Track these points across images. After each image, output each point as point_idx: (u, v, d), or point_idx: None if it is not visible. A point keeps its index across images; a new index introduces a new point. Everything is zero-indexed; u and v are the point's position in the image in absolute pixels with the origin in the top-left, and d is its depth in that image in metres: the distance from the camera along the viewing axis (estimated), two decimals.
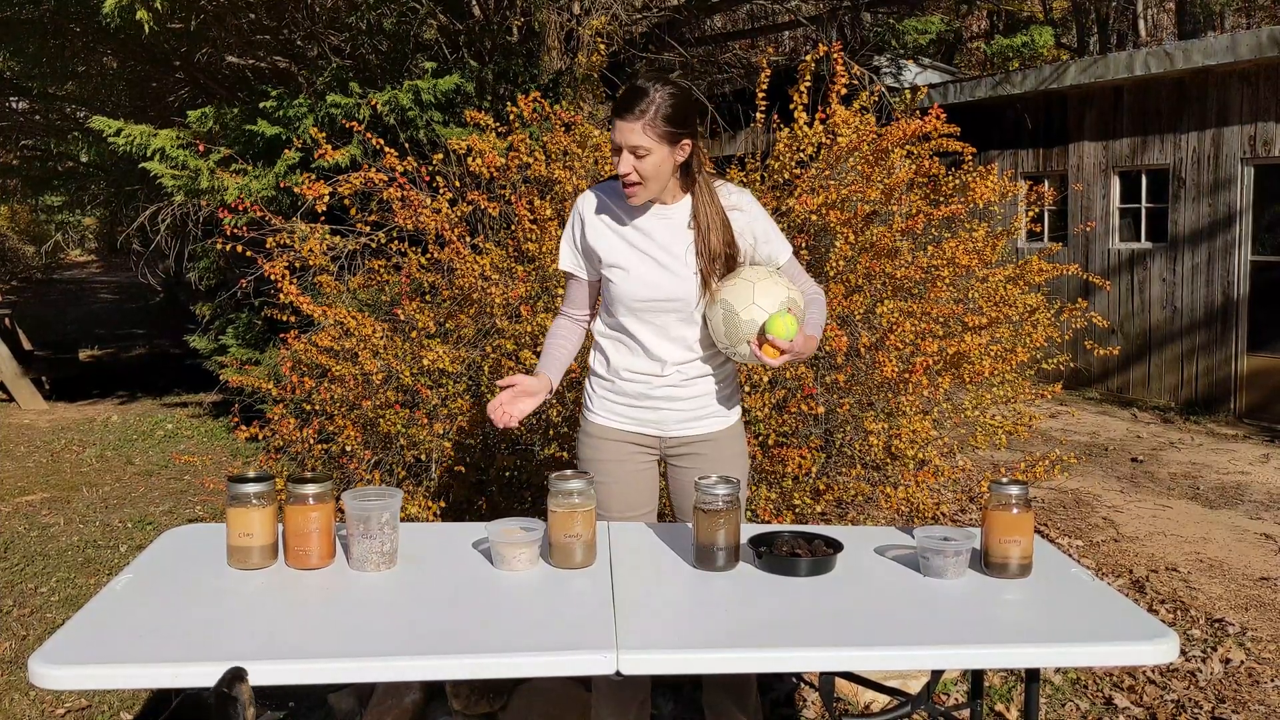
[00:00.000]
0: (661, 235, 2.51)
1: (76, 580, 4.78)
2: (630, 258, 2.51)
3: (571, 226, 2.60)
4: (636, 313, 2.52)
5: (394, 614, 1.99)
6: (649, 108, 2.36)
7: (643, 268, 2.50)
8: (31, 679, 1.71)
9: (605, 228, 2.54)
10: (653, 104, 2.36)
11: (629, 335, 2.56)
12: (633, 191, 2.44)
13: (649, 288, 2.50)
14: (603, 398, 2.63)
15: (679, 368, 2.56)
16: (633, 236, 2.52)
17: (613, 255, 2.52)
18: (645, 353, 2.55)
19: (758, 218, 2.57)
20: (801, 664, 1.99)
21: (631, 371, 2.57)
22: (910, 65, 10.11)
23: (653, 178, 2.42)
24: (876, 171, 4.11)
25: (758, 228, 2.56)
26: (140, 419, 8.95)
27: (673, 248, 2.50)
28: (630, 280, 2.50)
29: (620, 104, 2.39)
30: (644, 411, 2.59)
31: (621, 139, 2.38)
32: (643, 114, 2.36)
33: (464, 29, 6.50)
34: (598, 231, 2.54)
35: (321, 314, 4.09)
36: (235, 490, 2.16)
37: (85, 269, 23.95)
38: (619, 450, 2.61)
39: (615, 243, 2.53)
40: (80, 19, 6.63)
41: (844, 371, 3.94)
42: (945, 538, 2.19)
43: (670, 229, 2.51)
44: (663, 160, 2.40)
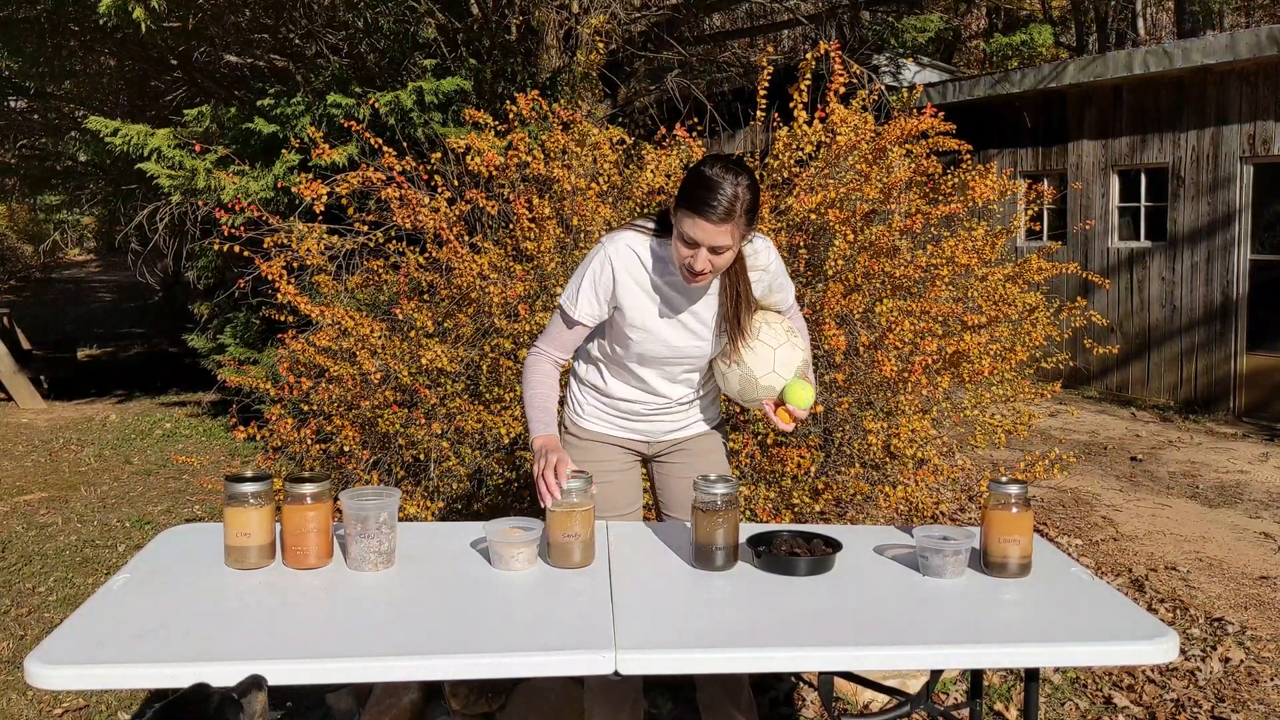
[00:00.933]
0: (694, 304, 2.47)
1: (74, 580, 4.77)
2: (658, 322, 2.47)
3: (598, 277, 2.43)
4: (647, 363, 2.54)
5: (392, 614, 1.99)
6: (735, 207, 2.24)
7: (667, 332, 2.48)
8: (28, 679, 1.70)
9: (637, 287, 2.44)
10: (739, 202, 2.24)
11: (633, 376, 2.57)
12: (699, 281, 2.36)
13: (668, 348, 2.50)
14: (595, 407, 2.65)
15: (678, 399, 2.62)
16: (663, 300, 2.46)
17: (641, 318, 2.46)
18: (649, 390, 2.58)
19: (776, 273, 2.54)
20: (800, 663, 1.98)
21: (629, 400, 2.61)
22: (909, 64, 10.11)
23: (722, 268, 2.36)
24: (875, 170, 4.10)
25: (774, 281, 2.55)
26: (138, 418, 8.95)
27: (702, 315, 2.48)
28: (650, 340, 2.49)
29: (701, 203, 2.24)
30: (635, 423, 2.64)
31: (704, 238, 2.26)
32: (728, 216, 2.24)
33: (463, 28, 6.49)
34: (628, 290, 2.44)
35: (319, 314, 4.08)
36: (233, 490, 2.15)
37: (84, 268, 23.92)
38: (606, 452, 2.64)
39: (645, 304, 2.45)
40: (77, 18, 6.62)
41: (843, 370, 3.93)
42: (944, 537, 2.18)
43: (700, 295, 2.47)
44: (729, 258, 2.34)
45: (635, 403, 2.60)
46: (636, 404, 2.60)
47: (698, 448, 2.67)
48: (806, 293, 4.04)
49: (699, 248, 2.28)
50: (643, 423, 2.62)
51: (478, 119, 4.69)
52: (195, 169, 5.85)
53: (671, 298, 2.45)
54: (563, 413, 2.71)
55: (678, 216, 2.30)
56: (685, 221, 2.27)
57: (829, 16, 8.50)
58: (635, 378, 2.57)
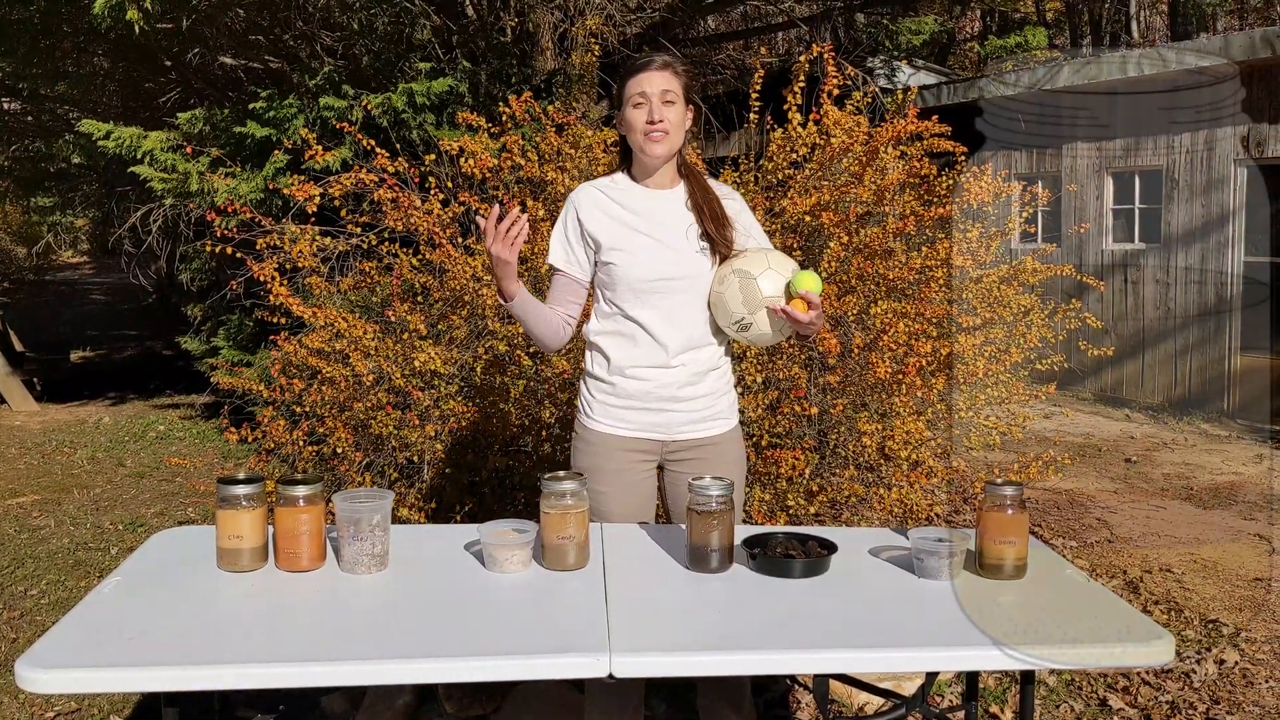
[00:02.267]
0: (661, 216, 2.53)
1: (67, 583, 4.76)
2: (632, 240, 2.50)
3: (564, 220, 2.57)
4: (641, 295, 2.50)
5: (386, 616, 1.98)
6: (672, 60, 2.51)
7: (646, 248, 2.50)
8: (19, 683, 1.69)
9: (603, 215, 2.54)
10: (673, 59, 2.52)
11: (633, 322, 2.51)
12: (658, 139, 2.47)
13: (654, 267, 2.49)
14: (602, 403, 2.57)
15: (686, 354, 2.52)
16: (632, 220, 2.52)
17: (613, 240, 2.51)
18: (651, 339, 2.51)
19: (745, 210, 2.66)
20: (796, 666, 1.98)
21: (636, 367, 2.52)
22: (904, 66, 10.12)
23: (676, 128, 2.50)
24: (868, 172, 4.11)
25: (745, 219, 2.63)
26: (132, 421, 8.92)
27: (674, 227, 2.52)
28: (634, 261, 2.49)
29: (641, 62, 2.51)
30: (647, 414, 2.54)
31: (650, 86, 2.46)
32: (668, 65, 2.49)
33: (458, 29, 6.48)
34: (595, 220, 2.53)
35: (312, 315, 4.07)
36: (225, 492, 2.14)
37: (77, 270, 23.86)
38: (619, 459, 2.56)
39: (615, 228, 2.52)
40: (71, 19, 6.60)
41: (837, 372, 3.93)
42: (939, 539, 2.18)
43: (669, 209, 2.54)
44: (682, 115, 2.51)
45: (644, 380, 2.52)
46: (643, 373, 2.52)
47: (714, 456, 2.58)
48: None
49: (649, 100, 2.46)
50: (654, 412, 2.54)
51: (471, 121, 4.69)
52: (188, 172, 5.83)
53: (640, 215, 2.54)
54: (575, 418, 2.68)
55: (623, 93, 2.51)
56: (630, 85, 2.49)
57: (824, 19, 8.49)
58: (635, 325, 2.51)
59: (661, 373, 2.52)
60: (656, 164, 2.54)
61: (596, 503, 2.55)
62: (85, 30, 6.51)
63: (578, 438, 2.63)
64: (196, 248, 7.31)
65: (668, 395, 2.53)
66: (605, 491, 2.54)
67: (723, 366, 2.61)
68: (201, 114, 6.16)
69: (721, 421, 2.61)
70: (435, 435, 4.01)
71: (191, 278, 8.42)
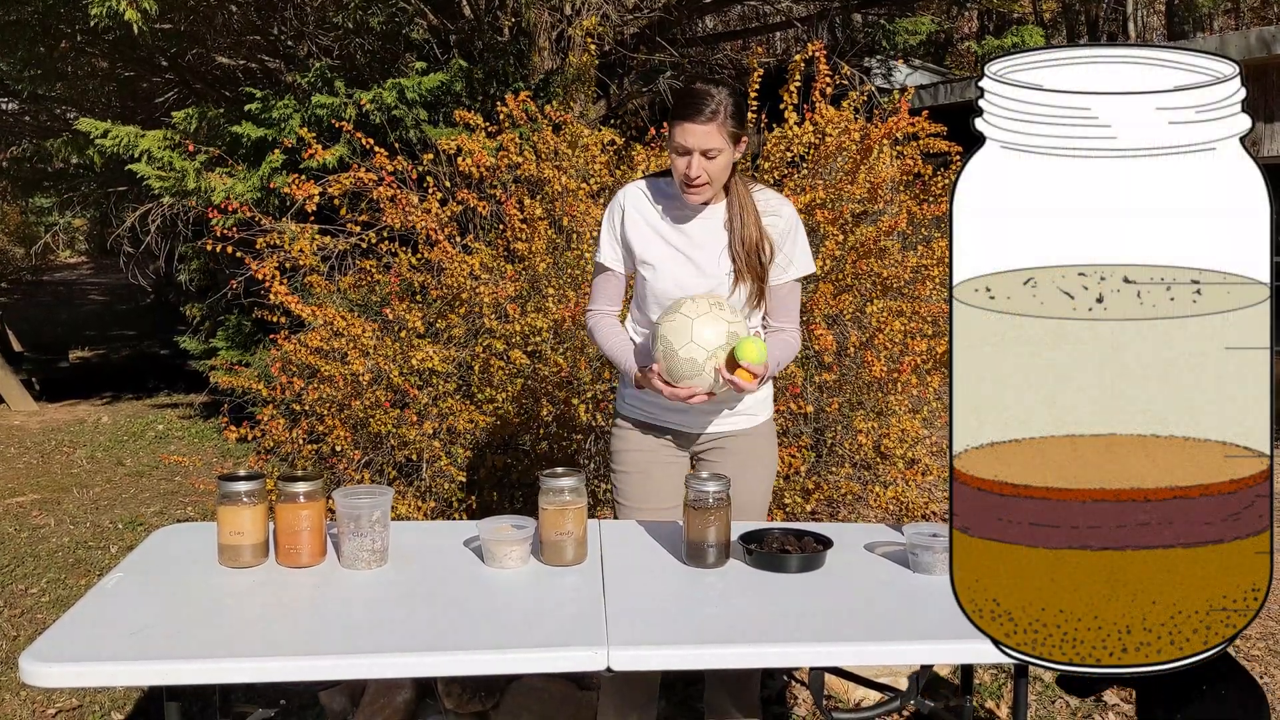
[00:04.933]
0: (698, 234, 2.51)
1: (67, 581, 4.76)
2: (663, 255, 2.51)
3: (611, 218, 2.58)
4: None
5: (385, 612, 1.99)
6: (719, 109, 2.35)
7: (673, 265, 2.50)
8: (22, 676, 1.70)
9: (644, 222, 2.53)
10: (722, 105, 2.36)
11: None
12: (699, 192, 2.42)
13: (679, 287, 2.48)
14: (634, 393, 2.61)
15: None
16: (668, 234, 2.52)
17: (647, 252, 2.52)
18: None
19: (794, 229, 2.55)
20: (792, 660, 1.99)
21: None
22: (900, 66, 10.12)
23: (718, 178, 2.42)
24: (862, 170, 4.12)
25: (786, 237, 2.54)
26: (131, 420, 8.93)
27: (707, 247, 2.50)
28: (660, 278, 2.49)
29: (687, 108, 2.37)
30: (675, 414, 2.56)
31: (694, 142, 2.36)
32: (714, 115, 2.35)
33: (454, 29, 6.49)
34: (635, 226, 2.54)
35: (311, 314, 4.09)
36: (226, 488, 2.15)
37: (75, 270, 23.85)
38: (649, 442, 2.59)
39: (651, 239, 2.52)
40: (69, 20, 6.60)
41: (833, 371, 3.94)
42: (934, 534, 2.19)
43: (707, 228, 2.51)
44: (728, 162, 2.42)
45: None
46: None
47: (742, 448, 2.59)
48: None
49: (691, 153, 2.37)
50: (682, 413, 2.55)
51: (468, 120, 4.70)
52: (185, 170, 5.84)
53: (676, 228, 2.51)
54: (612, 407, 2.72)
55: (670, 133, 2.42)
56: (675, 131, 2.39)
57: (821, 18, 8.50)
58: None
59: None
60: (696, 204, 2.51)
61: (628, 488, 2.60)
62: (83, 31, 6.51)
63: (614, 424, 2.68)
64: (195, 247, 7.32)
65: None
66: (631, 473, 2.58)
67: None
68: (195, 112, 6.16)
69: (748, 416, 2.61)
70: (433, 433, 4.02)
71: (190, 277, 8.42)
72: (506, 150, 4.37)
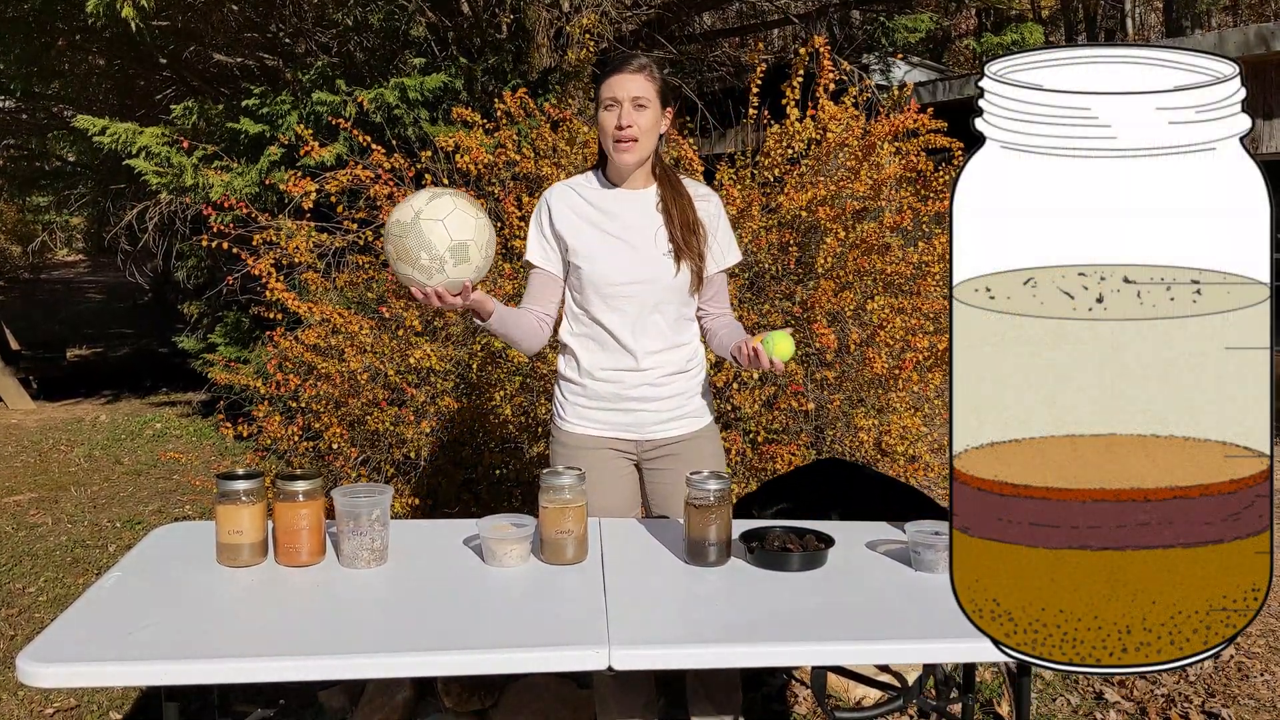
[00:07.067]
0: (630, 218, 2.51)
1: (65, 580, 4.76)
2: (598, 243, 2.50)
3: (538, 217, 2.57)
4: (608, 299, 2.49)
5: (385, 611, 1.99)
6: (647, 64, 2.46)
7: (610, 252, 2.49)
8: (20, 677, 1.70)
9: (573, 214, 2.53)
10: (650, 61, 2.47)
11: (600, 327, 2.51)
12: (628, 147, 2.44)
13: (620, 270, 2.47)
14: (574, 404, 2.58)
15: (654, 357, 2.52)
16: (600, 221, 2.51)
17: (580, 241, 2.50)
18: (618, 344, 2.51)
19: (721, 215, 2.60)
20: (793, 658, 1.99)
21: (605, 369, 2.53)
22: (899, 63, 10.12)
23: (647, 134, 2.44)
24: (864, 167, 4.12)
25: (717, 226, 2.58)
26: (128, 418, 8.92)
27: (642, 230, 2.50)
28: (599, 265, 2.48)
29: (616, 63, 2.46)
30: (619, 414, 2.55)
31: (622, 91, 2.42)
32: (642, 68, 2.44)
33: (453, 26, 6.48)
34: (564, 219, 2.53)
35: (308, 311, 4.08)
36: (225, 487, 2.15)
37: (73, 269, 23.83)
38: (596, 457, 2.55)
39: (582, 228, 2.51)
40: (65, 17, 6.59)
41: (834, 368, 3.94)
42: (936, 532, 2.19)
43: (638, 212, 2.51)
44: (656, 119, 2.46)
45: (610, 371, 2.52)
46: (612, 375, 2.52)
47: (689, 453, 2.57)
48: (798, 290, 4.05)
49: (620, 104, 2.42)
50: (625, 412, 2.54)
51: (467, 117, 4.69)
52: (183, 166, 5.83)
53: (609, 216, 2.51)
54: (550, 422, 2.69)
55: (597, 96, 2.48)
56: (603, 89, 2.46)
57: (819, 15, 8.50)
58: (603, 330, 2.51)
59: (629, 375, 2.52)
60: (628, 169, 2.52)
61: None
62: (80, 28, 6.50)
63: (553, 440, 2.64)
64: (192, 245, 7.31)
65: (637, 395, 2.53)
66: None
67: (691, 370, 2.59)
68: (194, 107, 6.15)
69: (693, 419, 2.60)
70: (431, 432, 4.02)
71: (187, 275, 8.41)
72: (504, 147, 4.37)
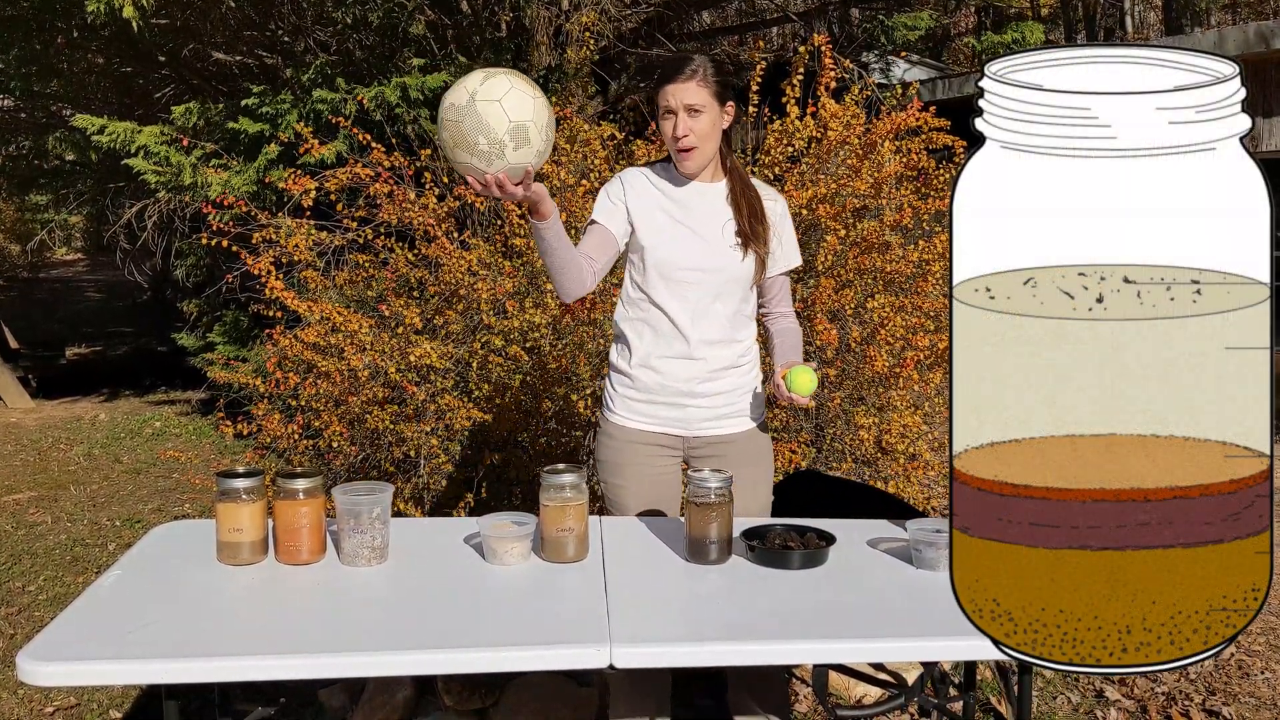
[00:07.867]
0: (701, 211, 2.52)
1: (64, 579, 4.76)
2: (668, 228, 2.51)
3: (612, 187, 2.56)
4: (670, 283, 2.49)
5: (385, 609, 1.99)
6: (699, 67, 2.42)
7: (678, 238, 2.50)
8: (20, 675, 1.70)
9: (647, 197, 2.54)
10: (702, 64, 2.43)
11: (659, 310, 2.50)
12: (689, 155, 2.45)
13: (686, 256, 2.48)
14: (624, 396, 2.57)
15: (709, 348, 2.51)
16: (671, 209, 2.52)
17: (650, 224, 2.51)
18: (675, 329, 2.49)
19: (786, 216, 2.62)
20: (794, 656, 1.99)
21: (657, 357, 2.51)
22: (899, 61, 10.11)
23: (707, 139, 2.45)
24: (865, 165, 4.12)
25: (783, 226, 2.59)
26: (128, 417, 8.92)
27: (711, 222, 2.51)
28: (666, 249, 2.49)
29: (669, 71, 2.44)
30: (666, 409, 2.54)
31: (676, 99, 2.41)
32: (694, 73, 2.41)
33: (452, 24, 6.48)
34: (638, 200, 2.53)
35: (307, 309, 4.08)
36: (225, 485, 2.15)
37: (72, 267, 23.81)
38: (640, 453, 2.55)
39: (654, 212, 2.52)
40: (65, 15, 6.59)
41: (835, 366, 3.94)
42: (937, 530, 2.19)
43: (708, 205, 2.53)
44: (714, 121, 2.45)
45: (662, 373, 2.51)
46: (664, 374, 2.51)
47: (735, 454, 2.54)
48: (798, 288, 4.05)
49: (676, 113, 2.43)
50: (673, 406, 2.53)
51: None
52: (182, 165, 5.83)
53: (679, 205, 2.52)
54: (599, 414, 2.69)
55: (656, 105, 2.48)
56: (659, 97, 2.45)
57: (819, 13, 8.49)
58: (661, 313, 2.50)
59: (682, 365, 2.51)
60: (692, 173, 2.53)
61: (616, 496, 2.57)
62: (79, 27, 6.50)
63: (601, 431, 2.63)
64: (191, 243, 7.30)
65: (685, 390, 2.52)
66: (624, 485, 2.55)
67: (744, 365, 2.59)
68: (195, 107, 6.15)
69: (742, 419, 2.58)
70: (431, 430, 4.02)
71: (186, 273, 8.41)
72: None
